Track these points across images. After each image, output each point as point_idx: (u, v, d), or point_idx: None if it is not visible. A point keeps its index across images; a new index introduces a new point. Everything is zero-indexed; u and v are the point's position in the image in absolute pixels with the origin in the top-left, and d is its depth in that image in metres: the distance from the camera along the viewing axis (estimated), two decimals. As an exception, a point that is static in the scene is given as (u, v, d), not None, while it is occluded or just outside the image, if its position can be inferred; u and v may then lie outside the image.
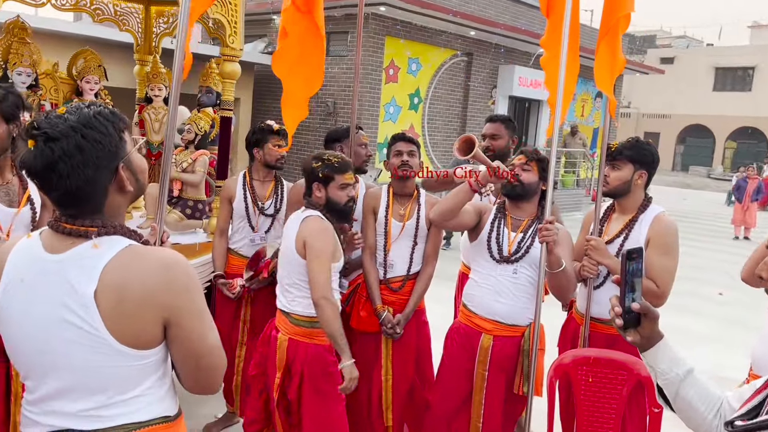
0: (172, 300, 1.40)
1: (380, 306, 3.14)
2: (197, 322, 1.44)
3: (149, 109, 4.42)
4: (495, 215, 3.00)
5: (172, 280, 1.40)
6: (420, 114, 13.41)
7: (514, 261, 2.88)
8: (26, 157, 1.37)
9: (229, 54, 3.74)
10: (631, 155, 2.89)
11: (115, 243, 1.41)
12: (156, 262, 1.41)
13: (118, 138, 1.44)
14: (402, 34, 12.40)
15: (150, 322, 1.39)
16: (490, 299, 2.90)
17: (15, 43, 3.90)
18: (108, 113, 1.45)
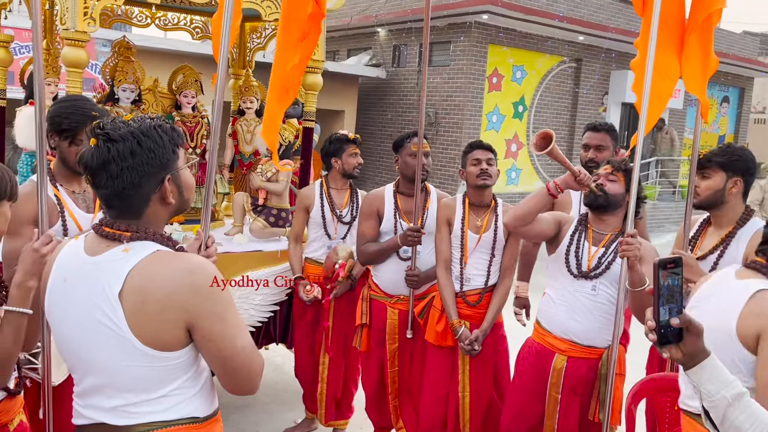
0: (192, 304, 1.43)
1: (457, 321, 3.04)
2: (220, 326, 1.46)
3: (242, 121, 4.60)
4: (575, 227, 2.83)
5: (193, 284, 1.43)
6: (525, 122, 13.07)
7: (594, 277, 2.70)
8: (85, 153, 1.46)
9: (312, 66, 3.81)
10: (722, 162, 2.64)
11: (144, 248, 1.47)
12: (179, 267, 1.45)
13: (170, 151, 1.51)
14: (505, 41, 12.17)
15: (171, 324, 1.43)
16: (566, 317, 2.73)
17: (121, 61, 4.19)
18: (167, 127, 1.53)
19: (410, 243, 3.16)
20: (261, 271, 3.79)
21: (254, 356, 1.53)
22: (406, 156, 3.32)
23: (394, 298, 3.32)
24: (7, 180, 1.84)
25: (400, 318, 3.30)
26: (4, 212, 1.85)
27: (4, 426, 1.91)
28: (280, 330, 3.96)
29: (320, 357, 3.70)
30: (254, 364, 1.53)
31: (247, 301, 3.77)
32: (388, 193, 3.37)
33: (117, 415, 1.47)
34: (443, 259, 3.13)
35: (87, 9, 3.06)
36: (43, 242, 1.74)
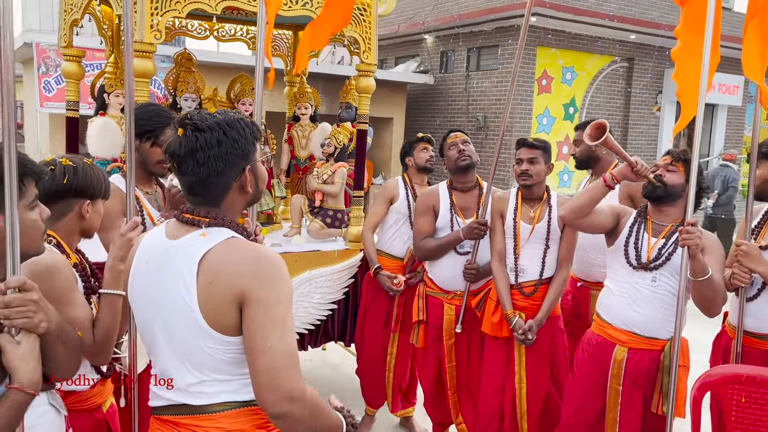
0: (247, 286, 1.46)
1: (511, 311, 3.07)
2: (262, 315, 1.45)
3: (297, 127, 4.73)
4: (635, 219, 2.82)
5: (255, 269, 1.48)
6: (576, 124, 12.87)
7: (654, 268, 2.68)
8: (173, 142, 1.56)
9: (364, 69, 3.90)
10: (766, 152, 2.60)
11: (220, 233, 1.55)
12: (248, 253, 1.52)
13: (251, 143, 1.60)
14: (554, 43, 12.06)
15: (230, 307, 1.48)
16: (626, 308, 2.71)
17: (182, 72, 4.39)
18: (248, 121, 1.62)
19: (475, 236, 3.20)
20: (319, 270, 3.89)
21: (289, 362, 1.43)
22: (446, 151, 3.41)
23: (451, 293, 3.36)
24: (103, 180, 2.00)
25: (456, 314, 3.34)
26: (99, 210, 2.02)
27: (98, 408, 2.05)
28: (339, 328, 4.05)
29: (389, 347, 3.76)
30: (279, 376, 1.42)
31: (306, 299, 3.87)
32: (443, 190, 3.43)
33: (192, 396, 1.54)
34: (497, 251, 3.16)
35: (153, 21, 3.23)
36: (130, 227, 1.88)
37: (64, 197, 1.89)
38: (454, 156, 3.36)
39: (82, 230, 1.97)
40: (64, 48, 3.76)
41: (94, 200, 1.96)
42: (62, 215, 1.90)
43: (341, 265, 3.96)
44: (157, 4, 3.22)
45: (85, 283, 1.90)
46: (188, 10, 3.36)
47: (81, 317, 1.75)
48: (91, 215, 1.96)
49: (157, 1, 3.22)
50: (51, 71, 9.47)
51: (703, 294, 2.51)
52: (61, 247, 1.89)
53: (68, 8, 3.65)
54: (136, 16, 3.22)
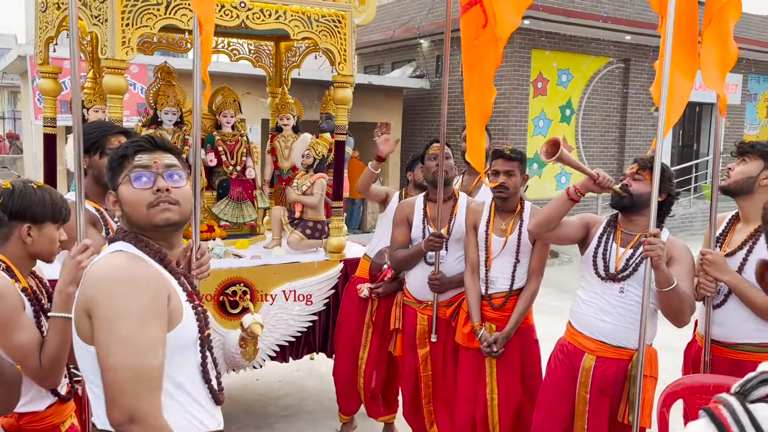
0: (94, 296, 1.45)
1: (477, 324, 3.08)
2: (106, 330, 1.42)
3: (279, 138, 4.75)
4: (604, 229, 2.81)
5: (106, 279, 1.46)
6: (573, 126, 12.87)
7: (621, 279, 2.68)
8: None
9: (341, 80, 3.91)
10: (764, 151, 2.58)
11: (112, 247, 1.58)
12: (108, 263, 1.51)
13: (111, 168, 1.63)
14: (548, 45, 12.05)
15: (81, 313, 1.48)
16: (594, 317, 2.72)
17: (163, 86, 4.41)
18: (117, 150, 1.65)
19: (432, 248, 3.21)
20: (299, 282, 3.89)
21: (126, 387, 1.38)
22: (426, 161, 3.42)
23: (423, 303, 3.37)
24: (48, 202, 1.99)
25: (429, 323, 3.35)
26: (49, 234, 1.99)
27: (56, 427, 2.06)
28: (320, 339, 4.06)
29: (360, 352, 3.79)
30: (122, 395, 1.38)
31: (286, 311, 3.87)
32: (419, 201, 3.44)
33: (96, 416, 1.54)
34: (470, 263, 3.17)
35: (125, 38, 3.24)
36: (79, 250, 1.88)
37: (3, 222, 1.90)
38: (433, 168, 3.36)
39: (30, 254, 1.97)
40: (40, 65, 3.79)
41: (37, 224, 1.94)
42: (6, 239, 1.91)
43: (321, 277, 3.96)
44: (128, 21, 3.24)
45: (35, 307, 1.90)
46: (160, 26, 3.38)
47: (26, 342, 1.76)
48: (36, 239, 1.94)
49: (128, 18, 3.23)
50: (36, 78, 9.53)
51: (669, 304, 2.50)
52: (11, 272, 1.89)
53: (43, 26, 3.68)
54: (107, 32, 3.24)
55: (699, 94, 13.85)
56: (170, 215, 1.58)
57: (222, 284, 3.64)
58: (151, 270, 1.52)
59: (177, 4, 3.34)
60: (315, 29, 3.75)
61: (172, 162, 1.62)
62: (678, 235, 12.87)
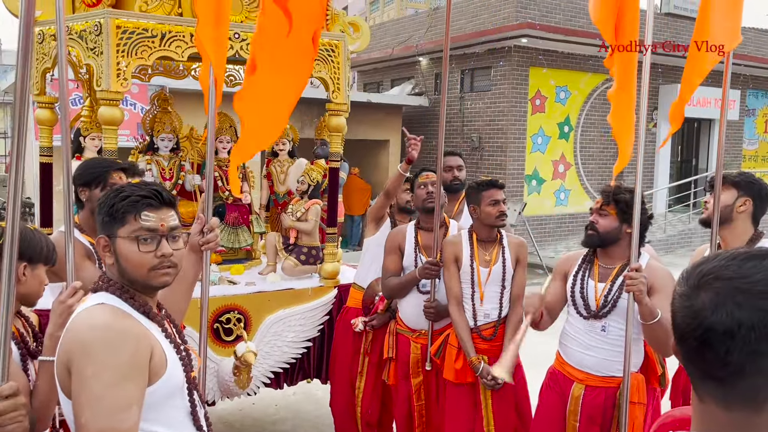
0: (72, 352, 1.46)
1: (475, 358, 3.06)
2: (79, 387, 1.43)
3: (275, 163, 4.77)
4: (579, 266, 2.80)
5: (84, 336, 1.47)
6: (571, 142, 12.92)
7: (603, 316, 2.68)
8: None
9: (335, 108, 3.95)
10: (735, 181, 2.62)
11: (94, 299, 1.57)
12: (89, 319, 1.51)
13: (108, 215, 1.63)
14: (546, 63, 12.12)
15: (62, 368, 1.49)
16: (579, 352, 2.74)
17: (159, 113, 4.45)
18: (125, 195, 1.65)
19: (428, 276, 3.21)
20: (293, 308, 3.91)
21: None
22: (417, 189, 3.44)
23: (416, 332, 3.37)
24: (42, 244, 2.00)
25: (422, 352, 3.35)
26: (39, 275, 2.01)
27: None
28: (315, 365, 4.06)
29: (356, 382, 3.77)
30: None
31: (280, 338, 3.88)
32: (410, 229, 3.45)
33: None
34: (454, 296, 3.15)
35: (120, 70, 3.29)
36: (69, 294, 1.87)
37: None
38: (422, 196, 3.39)
39: (20, 295, 1.97)
40: (36, 95, 3.83)
41: (32, 264, 1.96)
42: None
43: (315, 303, 3.98)
44: (123, 53, 3.28)
45: (22, 351, 1.91)
46: (155, 58, 3.42)
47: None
48: (29, 279, 1.96)
49: (123, 50, 3.28)
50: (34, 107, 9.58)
51: (655, 336, 2.51)
52: None
53: (40, 57, 3.73)
54: (103, 65, 3.28)
55: (697, 110, 14.00)
56: (168, 279, 1.62)
57: (216, 312, 3.65)
58: (134, 326, 1.53)
59: (171, 36, 3.39)
60: (309, 58, 3.78)
61: (175, 223, 1.65)
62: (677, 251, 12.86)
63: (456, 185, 3.82)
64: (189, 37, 3.42)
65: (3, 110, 24.86)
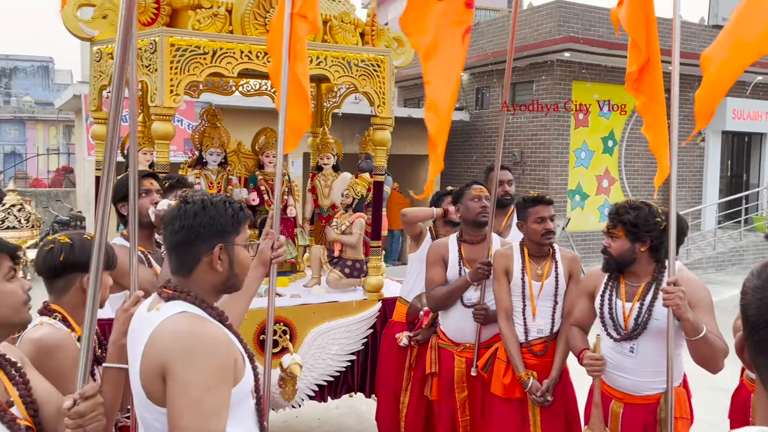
0: (168, 360, 1.49)
1: (524, 373, 3.01)
2: (178, 392, 1.47)
3: (320, 177, 4.83)
4: (605, 285, 2.72)
5: (181, 343, 1.51)
6: (615, 157, 12.70)
7: (632, 338, 2.60)
8: (168, 211, 1.72)
9: (380, 123, 3.98)
10: None
11: (174, 308, 1.60)
12: (182, 327, 1.54)
13: (231, 225, 1.68)
14: (589, 77, 11.99)
15: (156, 375, 1.52)
16: (612, 372, 2.68)
17: (208, 128, 4.56)
18: (238, 207, 1.72)
19: (480, 277, 3.18)
20: (338, 321, 3.92)
21: None
22: (467, 201, 3.38)
23: (461, 346, 3.34)
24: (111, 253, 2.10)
25: (467, 366, 3.32)
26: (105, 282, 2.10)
27: None
28: (359, 379, 4.06)
29: (401, 397, 3.76)
30: None
31: (324, 351, 3.90)
32: (452, 242, 3.43)
33: None
34: (504, 309, 3.11)
35: (173, 86, 3.38)
36: (132, 303, 1.93)
37: (64, 273, 1.99)
38: (476, 210, 3.33)
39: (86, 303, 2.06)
40: (93, 112, 3.97)
41: None
42: (65, 290, 2.00)
43: (359, 316, 3.99)
44: (177, 69, 3.38)
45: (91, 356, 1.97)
46: (206, 74, 3.51)
47: None
48: None
49: (176, 67, 3.38)
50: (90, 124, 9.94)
51: (700, 352, 2.43)
52: (66, 322, 1.97)
53: (97, 74, 3.86)
54: (157, 81, 3.38)
55: (747, 123, 13.62)
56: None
57: (262, 323, 3.69)
58: (221, 333, 1.59)
59: (222, 53, 3.48)
60: (354, 73, 3.84)
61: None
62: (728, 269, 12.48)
63: (506, 200, 3.79)
64: (239, 54, 3.51)
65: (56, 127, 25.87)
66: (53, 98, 25.35)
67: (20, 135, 25.12)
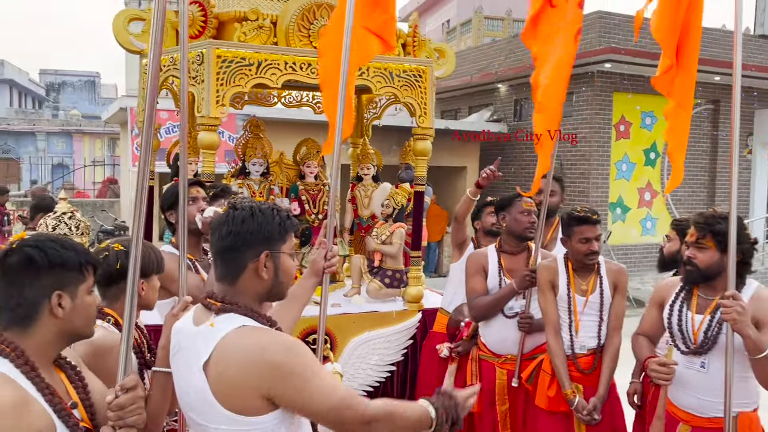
0: (266, 379, 1.53)
1: (570, 391, 2.95)
2: (300, 396, 1.55)
3: (359, 187, 4.85)
4: (676, 295, 2.63)
5: (266, 360, 1.54)
6: (658, 169, 12.44)
7: (702, 353, 2.50)
8: (216, 216, 1.74)
9: (421, 133, 3.98)
10: None
11: (230, 321, 1.62)
12: (255, 342, 1.57)
13: (278, 233, 1.69)
14: (631, 88, 11.80)
15: (250, 394, 1.54)
16: (679, 392, 2.58)
17: (251, 138, 4.63)
18: (285, 215, 1.73)
19: (528, 285, 3.15)
20: (378, 331, 3.92)
21: (346, 412, 1.57)
22: (516, 214, 3.32)
23: (502, 357, 3.30)
24: (153, 257, 2.14)
25: (508, 378, 3.28)
26: (154, 285, 2.15)
27: None
28: (398, 389, 4.04)
29: None
30: (347, 419, 1.58)
31: (364, 360, 3.90)
32: (492, 252, 3.40)
33: None
34: (552, 323, 3.05)
35: (219, 97, 3.45)
36: (181, 308, 1.96)
37: (119, 280, 2.03)
38: (525, 224, 3.28)
39: (140, 306, 2.10)
40: (141, 123, 4.06)
41: (147, 277, 2.09)
42: (119, 296, 2.04)
43: (399, 326, 3.98)
44: (223, 81, 3.45)
45: (139, 360, 2.01)
46: (252, 85, 3.58)
47: None
48: (147, 291, 2.10)
49: (222, 78, 3.45)
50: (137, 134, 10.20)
51: (764, 374, 2.33)
52: (119, 326, 2.02)
53: (145, 86, 3.96)
54: (203, 92, 3.46)
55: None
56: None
57: (303, 332, 3.71)
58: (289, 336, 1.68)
59: (267, 64, 3.53)
60: (396, 84, 3.86)
61: None
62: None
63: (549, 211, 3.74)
64: (283, 65, 3.57)
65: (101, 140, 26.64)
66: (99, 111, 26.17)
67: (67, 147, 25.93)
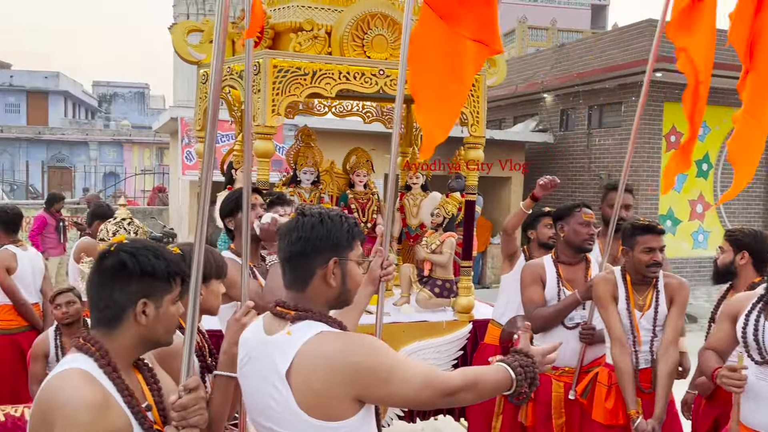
0: (354, 381, 1.54)
1: (634, 411, 2.85)
2: (386, 389, 1.57)
3: (408, 196, 4.85)
4: (753, 304, 2.52)
5: (352, 362, 1.55)
6: (710, 181, 12.09)
7: None
8: (274, 223, 1.71)
9: (473, 141, 3.96)
10: None
11: (309, 328, 1.62)
12: (339, 348, 1.57)
13: (346, 240, 1.70)
14: (683, 98, 11.52)
15: (338, 399, 1.55)
16: (749, 407, 2.44)
17: (302, 147, 4.69)
18: (353, 223, 1.74)
19: (590, 296, 3.09)
20: (427, 341, 3.90)
21: (428, 392, 1.60)
22: (576, 225, 3.26)
23: (559, 369, 3.23)
24: (212, 261, 2.16)
25: (565, 390, 3.21)
26: (214, 289, 2.17)
27: None
28: (448, 400, 4.00)
29: (493, 422, 3.67)
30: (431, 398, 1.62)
31: (414, 370, 3.88)
32: (548, 262, 3.34)
33: None
34: (617, 338, 2.93)
35: (275, 106, 3.51)
36: (244, 312, 1.98)
37: None
38: (584, 236, 3.23)
39: (202, 310, 2.12)
40: (198, 131, 4.16)
41: (206, 282, 2.10)
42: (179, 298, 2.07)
43: (449, 337, 3.95)
44: (278, 90, 3.51)
45: (201, 363, 2.03)
46: (306, 94, 3.62)
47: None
48: (205, 296, 2.11)
49: (278, 88, 3.50)
50: (193, 142, 10.42)
51: None
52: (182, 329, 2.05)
53: (202, 95, 4.06)
54: (260, 101, 3.52)
55: None
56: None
57: (354, 340, 3.71)
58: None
59: (321, 74, 3.58)
60: (449, 93, 3.84)
61: None
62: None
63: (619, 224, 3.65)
64: (337, 74, 3.60)
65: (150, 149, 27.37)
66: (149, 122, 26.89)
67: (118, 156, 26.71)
